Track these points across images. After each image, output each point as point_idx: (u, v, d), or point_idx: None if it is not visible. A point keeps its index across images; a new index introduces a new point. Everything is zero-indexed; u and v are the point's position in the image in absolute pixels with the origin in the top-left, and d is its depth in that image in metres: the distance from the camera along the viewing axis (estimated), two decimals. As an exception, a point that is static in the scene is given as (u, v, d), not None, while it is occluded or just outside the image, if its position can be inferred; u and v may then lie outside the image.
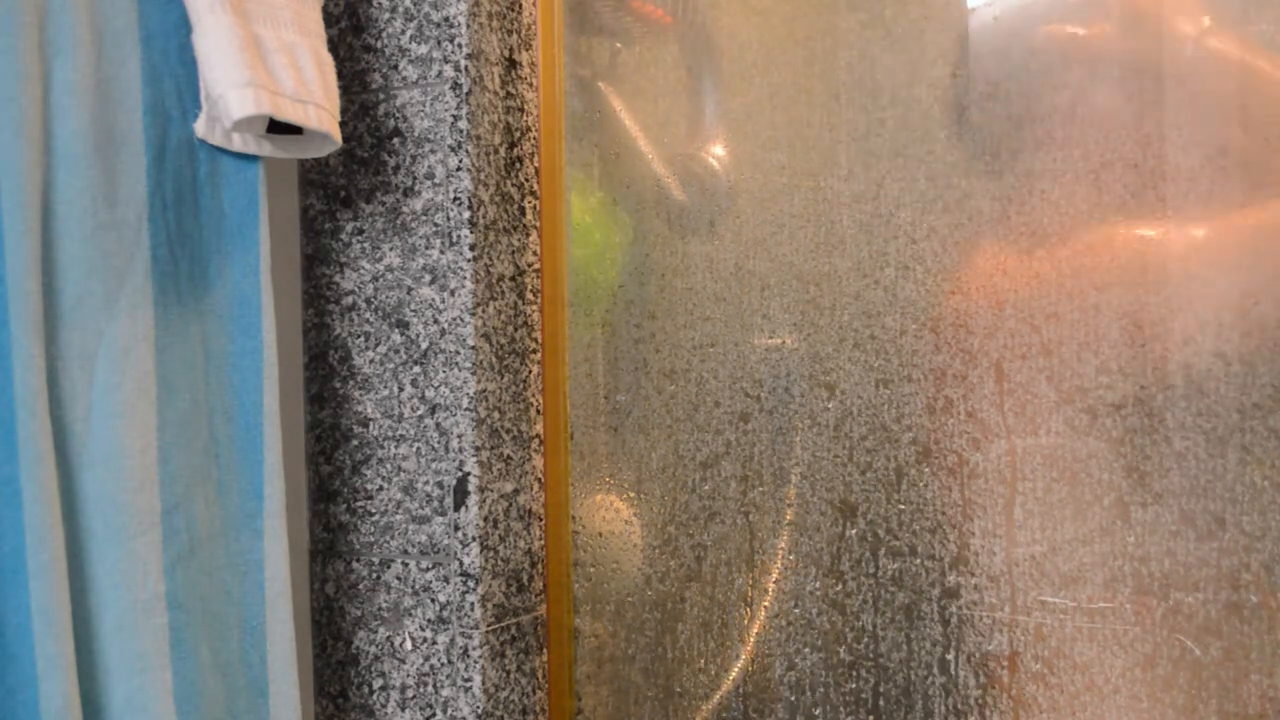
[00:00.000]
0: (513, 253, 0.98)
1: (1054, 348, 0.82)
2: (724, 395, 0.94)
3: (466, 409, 0.93)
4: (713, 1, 0.96)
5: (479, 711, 0.93)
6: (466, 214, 0.93)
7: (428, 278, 0.94)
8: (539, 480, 1.01)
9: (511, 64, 0.98)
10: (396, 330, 0.96)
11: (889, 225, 0.87)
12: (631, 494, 0.99)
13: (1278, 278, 0.75)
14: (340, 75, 0.93)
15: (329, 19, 0.96)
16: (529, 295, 1.00)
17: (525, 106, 1.00)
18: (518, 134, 0.99)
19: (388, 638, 0.97)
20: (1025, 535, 0.83)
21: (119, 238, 0.77)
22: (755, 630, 0.94)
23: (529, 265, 1.00)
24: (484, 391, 0.94)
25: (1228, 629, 0.77)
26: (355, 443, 0.98)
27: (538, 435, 1.01)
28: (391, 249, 0.96)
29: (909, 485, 0.87)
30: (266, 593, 0.84)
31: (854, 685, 0.89)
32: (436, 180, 0.94)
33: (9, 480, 0.70)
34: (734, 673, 0.95)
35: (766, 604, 0.93)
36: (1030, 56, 0.82)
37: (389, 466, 0.97)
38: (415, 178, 0.95)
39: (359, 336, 0.98)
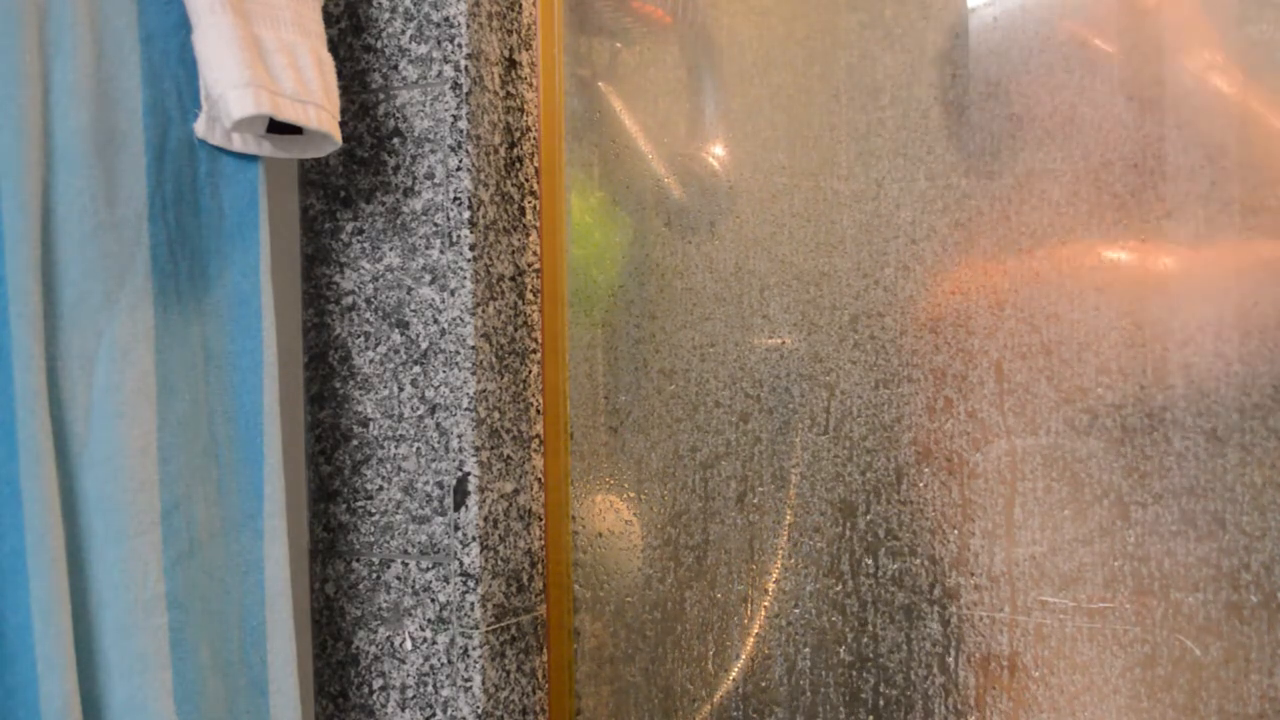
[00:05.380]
0: (513, 253, 0.98)
1: (1054, 348, 0.82)
2: (724, 395, 0.94)
3: (466, 409, 0.93)
4: (713, 1, 0.96)
5: (479, 711, 0.93)
6: (466, 214, 0.93)
7: (428, 278, 0.94)
8: (539, 480, 1.01)
9: (511, 64, 0.98)
10: (396, 330, 0.96)
11: (889, 225, 0.87)
12: (631, 494, 0.99)
13: (1278, 278, 0.75)
14: (340, 75, 0.93)
15: (329, 19, 0.96)
16: (529, 295, 1.00)
17: (525, 106, 1.00)
18: (518, 134, 0.99)
19: (388, 638, 0.97)
20: (1025, 535, 0.83)
21: (119, 238, 0.77)
22: (755, 630, 0.94)
23: (529, 265, 1.00)
24: (484, 391, 0.94)
25: (1228, 629, 0.77)
26: (355, 443, 0.98)
27: (538, 435, 1.01)
28: (391, 249, 0.96)
29: (909, 485, 0.87)
30: (266, 593, 0.84)
31: (854, 685, 0.89)
32: (436, 180, 0.94)
33: (9, 480, 0.70)
34: (734, 673, 0.95)
35: (766, 604, 0.93)
36: (1030, 56, 0.82)
37: (389, 466, 0.97)
38: (415, 178, 0.95)
39: (359, 336, 0.98)
